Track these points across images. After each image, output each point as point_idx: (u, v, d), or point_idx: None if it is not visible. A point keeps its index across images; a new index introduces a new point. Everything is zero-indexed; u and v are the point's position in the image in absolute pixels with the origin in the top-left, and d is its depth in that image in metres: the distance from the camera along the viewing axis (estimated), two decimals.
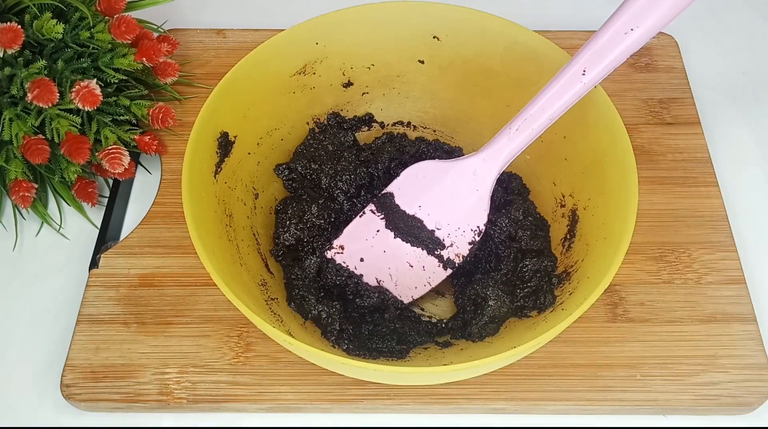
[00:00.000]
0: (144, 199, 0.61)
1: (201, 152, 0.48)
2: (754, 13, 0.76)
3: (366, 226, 0.53)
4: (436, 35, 0.55)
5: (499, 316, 0.50)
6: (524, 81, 0.53)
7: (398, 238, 0.52)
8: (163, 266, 0.56)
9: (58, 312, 0.56)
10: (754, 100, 0.69)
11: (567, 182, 0.53)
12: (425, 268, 0.52)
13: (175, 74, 0.63)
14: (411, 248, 0.52)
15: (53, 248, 0.59)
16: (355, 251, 0.53)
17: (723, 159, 0.64)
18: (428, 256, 0.52)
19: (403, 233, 0.52)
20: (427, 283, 0.52)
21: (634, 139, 0.64)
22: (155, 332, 0.53)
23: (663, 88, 0.67)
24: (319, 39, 0.54)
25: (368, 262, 0.53)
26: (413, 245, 0.52)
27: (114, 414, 0.52)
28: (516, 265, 0.52)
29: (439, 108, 0.59)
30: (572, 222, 0.52)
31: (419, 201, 0.52)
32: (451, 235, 0.51)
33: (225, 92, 0.50)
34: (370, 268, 0.53)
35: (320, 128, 0.58)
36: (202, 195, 0.47)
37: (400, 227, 0.52)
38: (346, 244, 0.53)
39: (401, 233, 0.52)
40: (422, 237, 0.52)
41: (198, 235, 0.43)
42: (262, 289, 0.50)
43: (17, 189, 0.56)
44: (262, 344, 0.52)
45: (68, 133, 0.55)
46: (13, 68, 0.54)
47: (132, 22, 0.57)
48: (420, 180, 0.52)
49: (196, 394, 0.50)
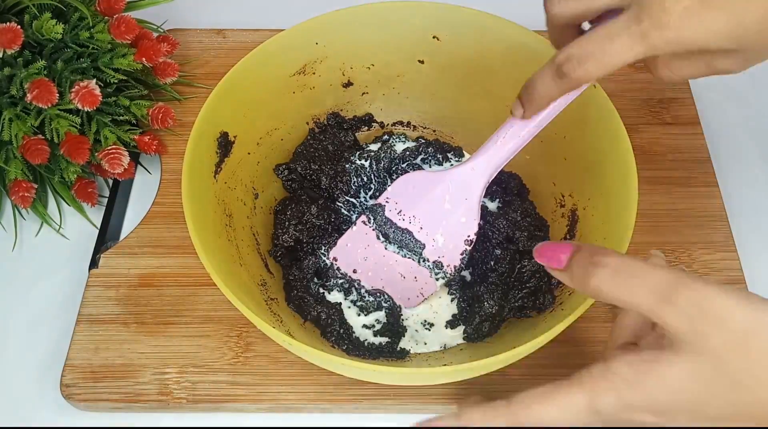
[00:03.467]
0: (144, 199, 0.61)
1: (201, 152, 0.48)
2: None
3: (358, 238, 0.53)
4: (436, 35, 0.55)
5: (494, 316, 0.50)
6: (524, 81, 0.53)
7: (389, 250, 0.52)
8: (163, 266, 0.56)
9: (57, 312, 0.56)
10: (754, 100, 0.69)
11: (567, 182, 0.53)
12: (417, 279, 0.52)
13: (174, 74, 0.63)
14: (402, 259, 0.52)
15: (53, 248, 0.59)
16: (348, 263, 0.53)
17: (723, 159, 0.64)
18: (420, 267, 0.52)
19: (394, 244, 0.52)
20: (420, 295, 0.52)
21: (634, 139, 0.63)
22: (155, 332, 0.53)
23: (663, 88, 0.67)
24: (319, 39, 0.54)
25: (361, 273, 0.53)
26: (405, 256, 0.52)
27: (114, 414, 0.51)
28: (513, 267, 0.52)
29: (439, 108, 0.59)
30: (572, 222, 0.52)
31: (410, 212, 0.52)
32: (442, 246, 0.51)
33: (225, 92, 0.50)
34: (363, 278, 0.53)
35: (320, 128, 0.58)
36: (202, 195, 0.47)
37: (390, 238, 0.52)
38: (339, 256, 0.53)
39: (392, 244, 0.52)
40: (413, 248, 0.52)
41: (198, 235, 0.43)
42: (262, 289, 0.50)
43: (17, 189, 0.56)
44: (262, 344, 0.52)
45: (68, 134, 0.55)
46: (13, 68, 0.54)
47: (131, 22, 0.57)
48: (410, 191, 0.51)
49: (196, 394, 0.50)
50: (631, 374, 0.31)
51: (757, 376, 0.30)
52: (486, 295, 0.51)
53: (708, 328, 0.30)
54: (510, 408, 0.34)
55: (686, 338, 0.30)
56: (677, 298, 0.30)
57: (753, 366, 0.30)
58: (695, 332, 0.30)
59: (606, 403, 0.32)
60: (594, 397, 0.32)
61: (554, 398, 0.33)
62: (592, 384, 0.32)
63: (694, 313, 0.30)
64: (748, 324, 0.30)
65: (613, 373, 0.32)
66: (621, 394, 0.31)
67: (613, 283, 0.32)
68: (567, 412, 0.33)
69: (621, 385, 0.32)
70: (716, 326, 0.30)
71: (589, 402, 0.32)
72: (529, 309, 0.50)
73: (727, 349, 0.30)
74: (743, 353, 0.30)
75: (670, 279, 0.31)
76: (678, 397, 0.31)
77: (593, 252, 0.34)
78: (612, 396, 0.32)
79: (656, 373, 0.31)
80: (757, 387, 0.30)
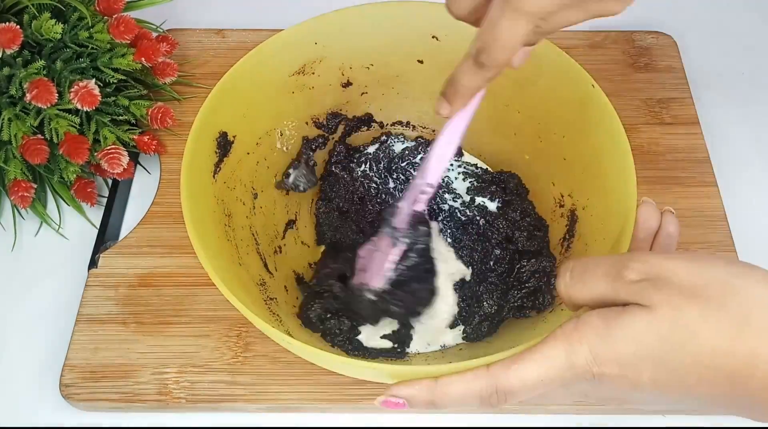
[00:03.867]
0: (143, 198, 0.61)
1: (200, 152, 0.48)
2: (753, 13, 0.76)
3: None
4: (435, 35, 0.55)
5: (493, 316, 0.50)
6: (523, 81, 0.53)
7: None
8: (162, 266, 0.56)
9: (57, 312, 0.56)
10: (754, 100, 0.69)
11: (566, 182, 0.53)
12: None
13: (174, 74, 0.63)
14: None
15: (52, 248, 0.59)
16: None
17: (722, 159, 0.64)
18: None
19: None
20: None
21: (633, 139, 0.63)
22: (154, 332, 0.53)
23: (662, 88, 0.67)
24: (319, 39, 0.54)
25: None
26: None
27: (113, 414, 0.51)
28: (513, 266, 0.52)
29: None
30: (571, 222, 0.52)
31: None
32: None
33: (224, 92, 0.50)
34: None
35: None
36: (201, 195, 0.47)
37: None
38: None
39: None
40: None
41: (197, 234, 0.43)
42: (261, 288, 0.50)
43: (16, 189, 0.56)
44: (261, 344, 0.52)
45: (67, 133, 0.55)
46: (12, 68, 0.54)
47: (131, 22, 0.57)
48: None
49: (195, 394, 0.50)
50: (600, 323, 0.32)
51: (714, 327, 0.30)
52: (485, 295, 0.51)
53: (656, 287, 0.31)
54: (489, 371, 0.35)
55: (640, 301, 0.32)
56: (627, 272, 0.32)
57: (708, 317, 0.30)
58: (646, 294, 0.31)
59: (579, 356, 0.33)
60: (568, 350, 0.33)
61: (532, 357, 0.34)
62: (564, 336, 0.33)
63: (641, 280, 0.32)
64: (694, 279, 0.31)
65: (584, 323, 0.33)
66: (591, 345, 0.32)
67: (572, 283, 0.34)
68: (545, 368, 0.34)
69: (591, 334, 0.33)
70: (664, 284, 0.31)
71: (566, 356, 0.33)
72: (529, 309, 0.50)
73: (679, 302, 0.31)
74: (697, 306, 0.31)
75: (616, 260, 0.33)
76: (639, 348, 0.31)
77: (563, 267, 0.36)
78: (584, 347, 0.33)
79: (620, 323, 0.32)
80: (715, 337, 0.30)
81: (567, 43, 0.69)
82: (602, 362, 0.32)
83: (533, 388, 0.34)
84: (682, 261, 0.32)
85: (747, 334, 0.30)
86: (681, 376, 0.31)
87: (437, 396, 0.37)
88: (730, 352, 0.30)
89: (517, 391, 0.35)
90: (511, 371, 0.34)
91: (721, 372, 0.30)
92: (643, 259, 0.32)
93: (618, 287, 0.32)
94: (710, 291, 0.31)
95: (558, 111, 0.52)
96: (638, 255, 0.33)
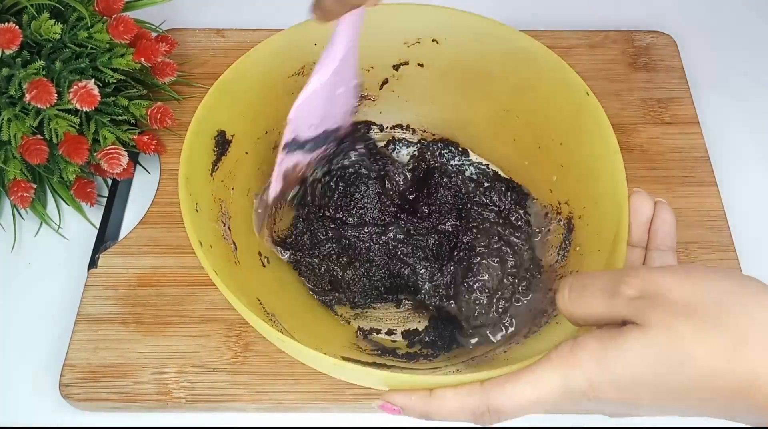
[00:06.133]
0: (143, 198, 0.61)
1: (198, 151, 0.48)
2: (752, 13, 0.76)
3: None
4: (435, 39, 0.55)
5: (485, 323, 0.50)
6: (523, 86, 0.53)
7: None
8: (162, 266, 0.56)
9: (56, 312, 0.56)
10: (753, 100, 0.69)
11: (563, 190, 0.53)
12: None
13: (173, 74, 0.63)
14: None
15: (52, 248, 0.59)
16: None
17: (722, 159, 0.64)
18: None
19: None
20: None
21: (632, 138, 0.64)
22: (154, 332, 0.53)
23: (662, 87, 0.67)
24: (318, 40, 0.54)
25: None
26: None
27: (113, 413, 0.52)
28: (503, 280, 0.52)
29: (439, 111, 0.59)
30: (567, 230, 0.51)
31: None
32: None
33: (222, 91, 0.50)
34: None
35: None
36: (199, 193, 0.47)
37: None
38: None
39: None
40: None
41: (195, 234, 0.43)
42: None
43: (16, 189, 0.56)
44: (261, 344, 0.52)
45: (67, 134, 0.55)
46: (11, 69, 0.54)
47: (130, 22, 0.57)
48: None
49: (195, 394, 0.51)
50: (597, 346, 0.32)
51: (710, 347, 0.30)
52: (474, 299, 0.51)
53: (652, 305, 0.31)
54: (483, 387, 0.35)
55: (636, 319, 0.31)
56: (624, 288, 0.32)
57: (703, 337, 0.30)
58: (641, 312, 0.31)
59: (575, 381, 0.32)
60: (564, 374, 0.33)
61: (526, 378, 0.34)
62: (560, 360, 0.33)
63: (637, 296, 0.32)
64: (688, 296, 0.31)
65: (580, 347, 0.33)
66: (586, 370, 0.32)
67: (570, 299, 0.34)
68: (539, 390, 0.33)
69: (587, 358, 0.32)
70: (659, 303, 0.31)
71: (561, 380, 0.33)
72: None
73: (674, 322, 0.30)
74: (691, 325, 0.30)
75: (614, 275, 0.33)
76: (636, 371, 0.31)
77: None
78: (580, 372, 0.32)
79: (616, 345, 0.31)
80: (712, 358, 0.30)
81: (567, 43, 0.69)
82: (598, 387, 0.32)
83: (525, 410, 0.34)
84: (677, 277, 0.32)
85: (745, 354, 0.29)
86: (681, 397, 0.31)
87: (432, 408, 0.36)
88: (729, 373, 0.30)
89: (509, 412, 0.34)
90: (506, 391, 0.34)
91: (722, 393, 0.30)
92: (640, 274, 0.32)
93: (615, 304, 0.32)
94: (705, 309, 0.30)
95: (555, 117, 0.52)
96: (635, 270, 0.33)
